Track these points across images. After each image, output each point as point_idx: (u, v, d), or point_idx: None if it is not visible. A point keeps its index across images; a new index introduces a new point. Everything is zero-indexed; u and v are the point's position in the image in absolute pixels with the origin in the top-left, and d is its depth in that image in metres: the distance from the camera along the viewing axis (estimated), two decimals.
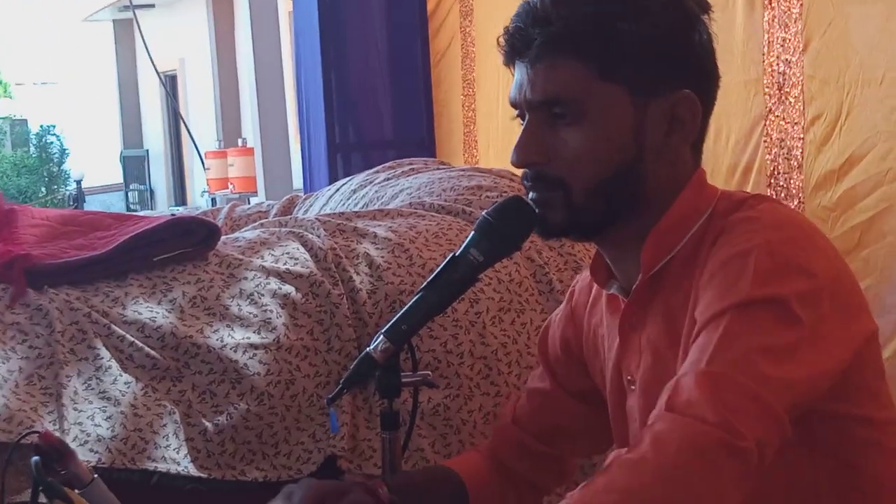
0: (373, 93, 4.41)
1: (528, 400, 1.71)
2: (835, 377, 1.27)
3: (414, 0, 4.41)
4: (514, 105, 1.41)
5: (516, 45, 1.37)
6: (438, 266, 1.48)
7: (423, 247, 2.16)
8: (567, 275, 2.22)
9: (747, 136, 2.93)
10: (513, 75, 1.41)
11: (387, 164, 2.96)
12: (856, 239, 2.66)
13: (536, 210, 1.40)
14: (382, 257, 2.12)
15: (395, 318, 1.48)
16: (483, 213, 1.47)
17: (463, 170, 2.68)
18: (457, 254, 1.46)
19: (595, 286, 1.55)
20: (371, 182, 2.80)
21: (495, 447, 1.71)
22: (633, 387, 1.45)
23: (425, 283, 1.48)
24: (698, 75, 1.37)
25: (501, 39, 1.40)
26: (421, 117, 4.43)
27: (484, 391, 2.07)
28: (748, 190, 2.84)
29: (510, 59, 1.40)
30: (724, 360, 1.20)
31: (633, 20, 1.32)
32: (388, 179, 2.75)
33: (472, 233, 1.46)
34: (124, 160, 13.97)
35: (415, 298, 1.48)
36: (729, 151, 2.98)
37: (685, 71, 1.36)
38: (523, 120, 1.40)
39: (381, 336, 1.47)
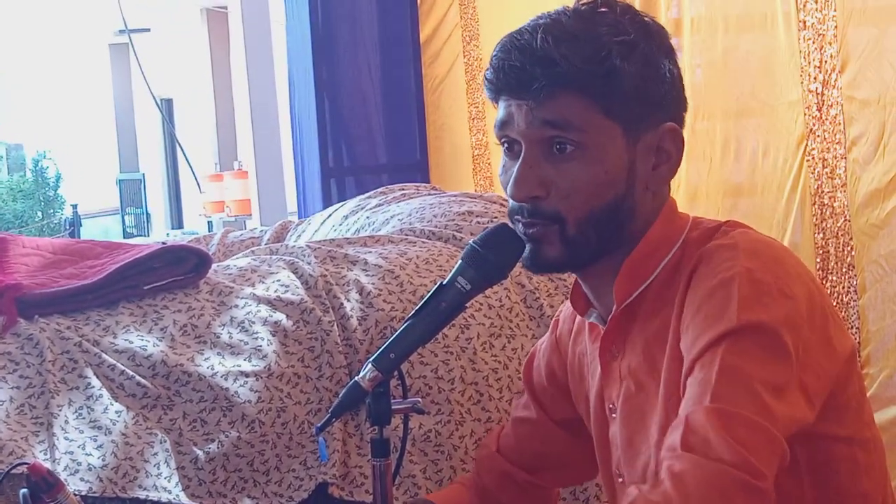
0: (366, 117, 4.41)
1: (513, 429, 1.72)
2: (823, 398, 1.29)
3: (407, 24, 4.42)
4: (504, 139, 1.41)
5: (512, 83, 1.36)
6: (429, 292, 1.48)
7: (414, 273, 2.16)
8: (557, 300, 2.22)
9: (793, 155, 2.99)
10: (496, 108, 1.41)
11: (379, 190, 2.96)
12: None
13: (530, 245, 1.40)
14: (373, 284, 2.12)
15: (383, 347, 1.48)
16: (470, 241, 1.48)
17: (454, 195, 2.68)
18: (444, 282, 1.47)
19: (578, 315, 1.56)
20: (363, 207, 2.81)
21: (479, 477, 1.71)
22: (613, 415, 1.46)
23: (413, 312, 1.48)
24: (678, 107, 1.41)
25: (489, 74, 1.39)
26: (414, 142, 4.43)
27: (475, 417, 2.07)
28: (794, 208, 2.91)
29: (500, 95, 1.40)
30: (730, 395, 1.21)
31: (626, 57, 1.34)
32: (380, 205, 2.76)
33: (460, 261, 1.47)
34: (121, 184, 13.96)
35: (403, 327, 1.49)
36: (777, 171, 3.03)
37: (669, 104, 1.39)
38: (510, 151, 1.40)
39: (370, 364, 1.48)
